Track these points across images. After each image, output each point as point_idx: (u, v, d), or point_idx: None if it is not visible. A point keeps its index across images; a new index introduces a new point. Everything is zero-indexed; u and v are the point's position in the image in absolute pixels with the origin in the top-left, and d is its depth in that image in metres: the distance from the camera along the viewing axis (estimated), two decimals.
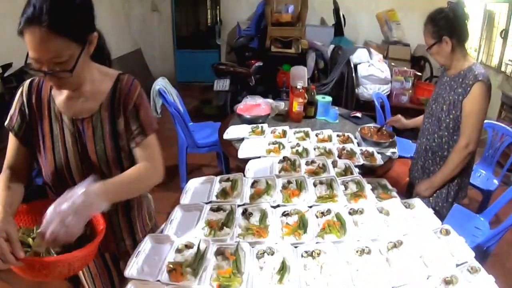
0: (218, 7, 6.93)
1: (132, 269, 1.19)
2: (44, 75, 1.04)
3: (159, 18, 7.04)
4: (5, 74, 3.14)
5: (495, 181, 2.81)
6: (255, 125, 2.49)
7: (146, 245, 1.30)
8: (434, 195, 1.98)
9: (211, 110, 5.55)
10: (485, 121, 2.90)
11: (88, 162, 1.22)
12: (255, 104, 2.71)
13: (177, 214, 1.50)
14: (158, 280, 1.14)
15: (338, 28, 5.72)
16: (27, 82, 1.24)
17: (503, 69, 4.56)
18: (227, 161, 3.33)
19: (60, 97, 1.21)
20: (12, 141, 1.24)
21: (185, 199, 1.61)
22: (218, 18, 6.98)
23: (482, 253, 1.94)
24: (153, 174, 1.24)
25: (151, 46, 7.04)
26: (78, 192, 1.00)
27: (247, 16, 6.63)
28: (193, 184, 1.73)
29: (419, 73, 4.91)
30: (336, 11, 5.62)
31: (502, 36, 4.55)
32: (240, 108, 2.68)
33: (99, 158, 1.21)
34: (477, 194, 2.98)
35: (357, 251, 1.22)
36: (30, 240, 1.07)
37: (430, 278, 1.13)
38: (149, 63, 6.79)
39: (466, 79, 1.77)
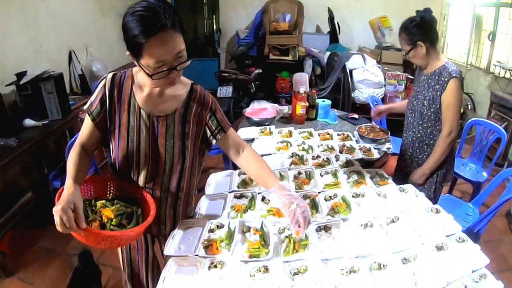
0: (214, 16, 7.01)
1: (170, 248, 1.38)
2: (169, 72, 1.18)
3: None
4: (20, 82, 3.14)
5: (485, 174, 2.97)
6: (263, 127, 2.69)
7: (180, 228, 1.50)
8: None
9: None
10: (473, 119, 3.14)
11: (156, 153, 1.38)
12: (261, 108, 2.91)
13: (203, 202, 1.71)
14: (196, 255, 1.33)
15: (333, 35, 5.88)
16: (110, 75, 1.35)
17: (491, 70, 4.70)
18: None
19: (140, 94, 1.34)
20: (87, 123, 1.36)
21: (209, 190, 1.83)
22: (215, 27, 7.04)
23: (473, 236, 2.11)
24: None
25: None
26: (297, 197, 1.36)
27: (245, 25, 6.75)
28: (214, 178, 1.95)
29: (411, 76, 5.08)
30: (331, 19, 5.79)
31: (490, 38, 4.69)
32: (249, 111, 2.88)
33: (167, 152, 1.38)
34: (468, 187, 3.15)
35: (361, 225, 1.45)
36: (89, 211, 1.26)
37: (424, 245, 1.35)
38: None
39: (442, 77, 1.96)
